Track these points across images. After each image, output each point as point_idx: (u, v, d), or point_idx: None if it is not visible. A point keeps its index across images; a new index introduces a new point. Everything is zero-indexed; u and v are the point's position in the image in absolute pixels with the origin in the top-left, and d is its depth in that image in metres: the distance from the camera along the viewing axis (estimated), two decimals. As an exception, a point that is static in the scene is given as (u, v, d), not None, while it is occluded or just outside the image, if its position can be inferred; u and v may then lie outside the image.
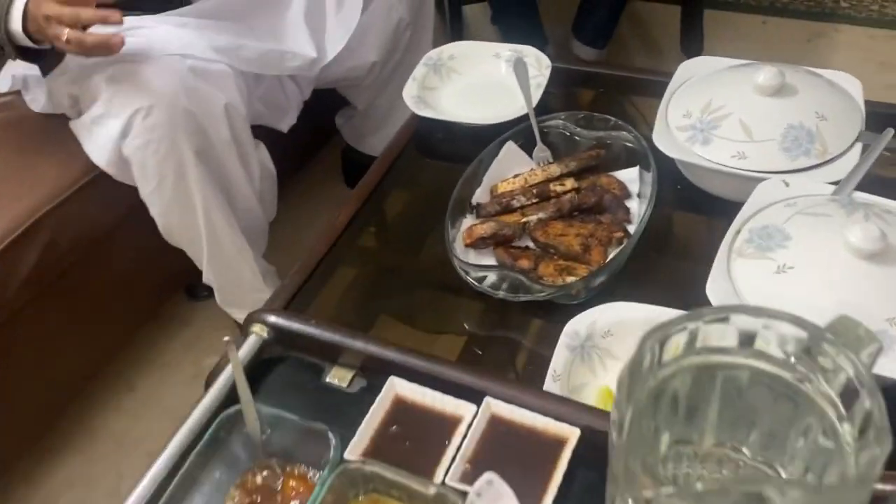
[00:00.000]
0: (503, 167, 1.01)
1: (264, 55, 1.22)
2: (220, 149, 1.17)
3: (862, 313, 0.70)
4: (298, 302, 0.89)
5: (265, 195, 1.31)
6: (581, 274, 0.85)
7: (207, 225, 1.19)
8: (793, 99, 0.90)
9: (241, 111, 1.18)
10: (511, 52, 1.19)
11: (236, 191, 1.22)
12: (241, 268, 1.27)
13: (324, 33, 1.31)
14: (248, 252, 1.26)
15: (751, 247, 0.78)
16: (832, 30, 2.02)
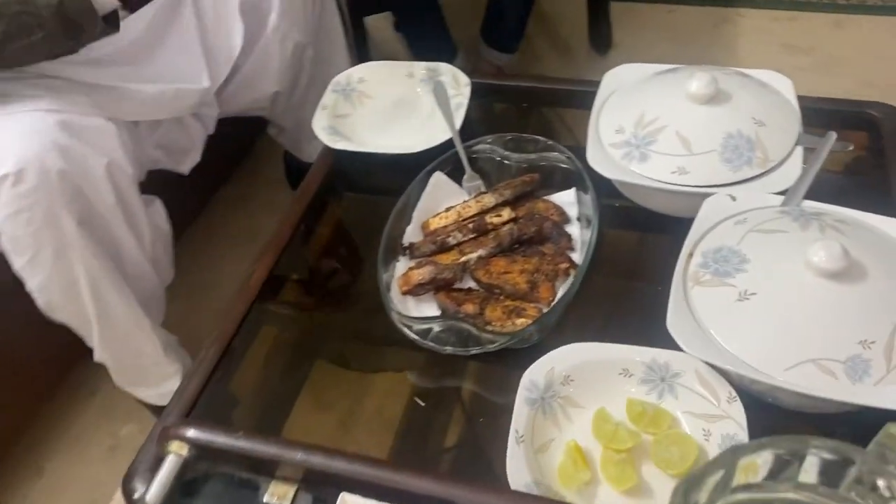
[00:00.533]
0: (433, 200, 0.93)
1: (157, 98, 1.10)
2: (104, 214, 1.03)
3: (833, 338, 0.67)
4: (214, 387, 0.80)
5: (160, 258, 1.17)
6: (531, 314, 0.79)
7: (95, 299, 1.05)
8: (728, 105, 0.86)
9: (127, 170, 1.05)
10: (425, 70, 1.12)
11: (126, 258, 1.09)
12: (138, 342, 1.14)
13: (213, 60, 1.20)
14: (145, 323, 1.13)
15: (707, 273, 0.73)
16: (736, 14, 2.03)
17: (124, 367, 1.18)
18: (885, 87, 1.74)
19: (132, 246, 1.08)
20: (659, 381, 0.73)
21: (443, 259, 0.86)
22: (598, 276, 0.86)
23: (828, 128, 0.92)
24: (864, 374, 0.64)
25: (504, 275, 0.82)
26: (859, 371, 0.64)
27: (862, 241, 0.71)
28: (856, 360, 0.64)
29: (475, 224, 0.87)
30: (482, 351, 0.75)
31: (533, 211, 0.90)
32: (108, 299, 1.06)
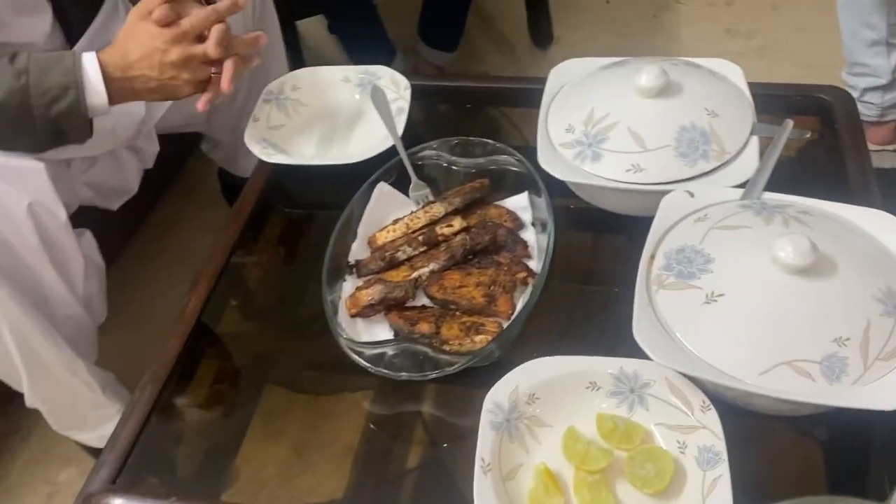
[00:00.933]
0: (379, 213, 0.88)
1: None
2: (27, 258, 0.94)
3: (807, 337, 0.64)
4: (152, 433, 0.73)
5: (92, 296, 1.08)
6: (490, 330, 0.74)
7: (22, 349, 0.96)
8: (679, 98, 0.83)
9: (55, 210, 0.95)
10: (362, 74, 1.06)
11: (54, 301, 1.00)
12: (73, 387, 1.05)
13: None
14: (79, 366, 1.04)
15: (671, 275, 0.69)
16: (675, 2, 2.02)
17: (60, 411, 1.09)
18: (825, 67, 1.75)
19: (61, 289, 0.99)
20: (629, 393, 0.69)
21: (393, 276, 0.80)
22: (558, 283, 0.82)
23: (780, 114, 0.89)
24: (841, 373, 0.61)
25: (459, 289, 0.78)
26: (836, 370, 0.61)
27: (827, 233, 0.68)
28: (832, 360, 0.61)
29: (425, 236, 0.82)
30: (440, 375, 0.70)
31: (485, 218, 0.86)
32: (36, 348, 0.97)
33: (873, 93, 1.53)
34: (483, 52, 1.98)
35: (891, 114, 1.56)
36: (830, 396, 0.61)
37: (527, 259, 0.83)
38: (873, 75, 1.50)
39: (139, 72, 0.87)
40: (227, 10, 0.88)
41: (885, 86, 1.51)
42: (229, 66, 0.88)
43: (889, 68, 1.48)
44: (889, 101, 1.54)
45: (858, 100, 1.55)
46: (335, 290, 0.81)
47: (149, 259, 1.53)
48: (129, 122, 1.07)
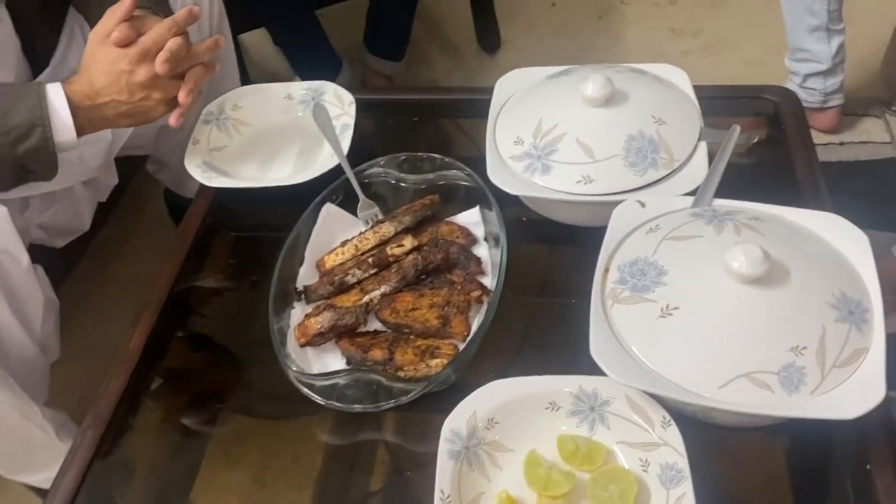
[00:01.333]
0: (326, 235, 0.85)
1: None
2: None
3: (764, 347, 0.63)
4: (97, 474, 0.69)
5: (49, 334, 1.03)
6: (446, 353, 0.72)
7: None
8: (626, 106, 0.82)
9: (17, 254, 0.90)
10: (305, 90, 1.03)
11: (10, 344, 0.94)
12: (26, 431, 0.99)
13: None
14: (33, 409, 0.98)
15: (625, 289, 0.68)
16: (619, 3, 2.03)
17: (10, 456, 1.04)
18: (770, 63, 1.77)
19: (17, 332, 0.94)
20: (589, 411, 0.67)
21: (343, 301, 0.78)
22: (514, 299, 0.81)
23: (727, 116, 0.89)
24: (799, 383, 0.60)
25: (412, 312, 0.75)
26: (794, 380, 0.61)
27: (779, 239, 0.68)
28: (790, 370, 0.61)
29: (375, 258, 0.80)
30: (395, 405, 0.68)
31: (437, 236, 0.84)
32: None
33: (815, 78, 1.55)
34: (431, 59, 1.96)
35: (833, 100, 1.58)
36: (790, 408, 0.60)
37: (481, 276, 0.81)
38: (814, 61, 1.52)
39: (108, 98, 0.83)
40: (186, 20, 0.83)
41: (826, 71, 1.53)
42: (191, 76, 0.84)
43: (830, 54, 1.50)
44: (831, 87, 1.56)
45: (801, 86, 1.57)
46: (283, 318, 0.78)
47: (95, 287, 1.47)
48: (97, 149, 1.02)
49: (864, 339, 0.63)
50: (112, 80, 0.82)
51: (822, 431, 0.64)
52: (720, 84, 1.01)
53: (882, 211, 1.41)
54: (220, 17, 1.20)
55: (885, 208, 1.41)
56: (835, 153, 1.59)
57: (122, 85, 0.82)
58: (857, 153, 1.58)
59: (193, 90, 0.84)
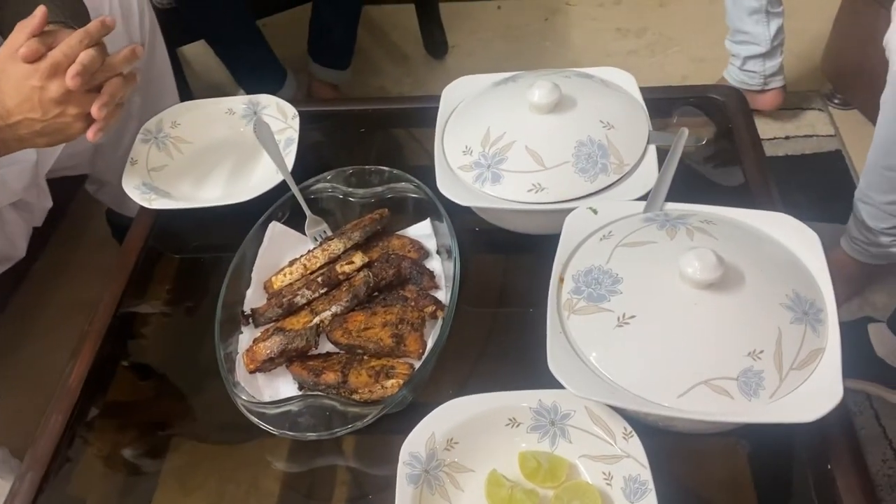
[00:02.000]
0: (273, 255, 0.83)
1: None
2: None
3: (722, 353, 0.62)
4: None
5: None
6: (401, 373, 0.70)
7: None
8: (574, 112, 0.80)
9: None
10: (246, 105, 1.00)
11: None
12: None
13: None
14: None
15: (581, 299, 0.67)
16: (565, 4, 2.03)
17: None
18: (715, 60, 1.79)
19: None
20: (549, 426, 0.66)
21: (292, 323, 0.75)
22: (470, 311, 0.79)
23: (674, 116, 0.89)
24: (758, 387, 0.60)
25: (365, 332, 0.73)
26: (753, 385, 0.60)
27: (731, 241, 0.67)
28: (748, 374, 0.60)
29: (324, 277, 0.77)
30: (350, 431, 0.66)
31: (388, 251, 0.81)
32: None
33: (754, 61, 1.56)
34: (379, 66, 1.94)
35: (773, 82, 1.60)
36: (750, 413, 0.59)
37: (435, 290, 0.79)
38: (753, 43, 1.53)
39: (20, 116, 0.78)
40: (98, 32, 0.78)
41: (765, 53, 1.54)
42: (106, 88, 0.79)
43: (768, 36, 1.52)
44: (770, 69, 1.57)
45: (741, 68, 1.58)
46: (231, 343, 0.75)
47: (36, 314, 1.41)
48: (20, 171, 0.97)
49: (819, 340, 0.63)
50: (24, 98, 0.77)
51: (782, 434, 0.63)
52: (667, 85, 1.01)
53: (829, 203, 1.43)
54: (151, 29, 1.16)
55: (832, 200, 1.44)
56: (781, 147, 1.61)
57: (34, 102, 0.77)
58: (803, 147, 1.61)
59: (108, 103, 0.79)
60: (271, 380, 0.73)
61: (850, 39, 1.55)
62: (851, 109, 1.66)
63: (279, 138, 0.95)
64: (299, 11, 1.69)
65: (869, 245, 1.22)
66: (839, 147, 1.60)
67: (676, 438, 0.67)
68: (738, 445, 0.67)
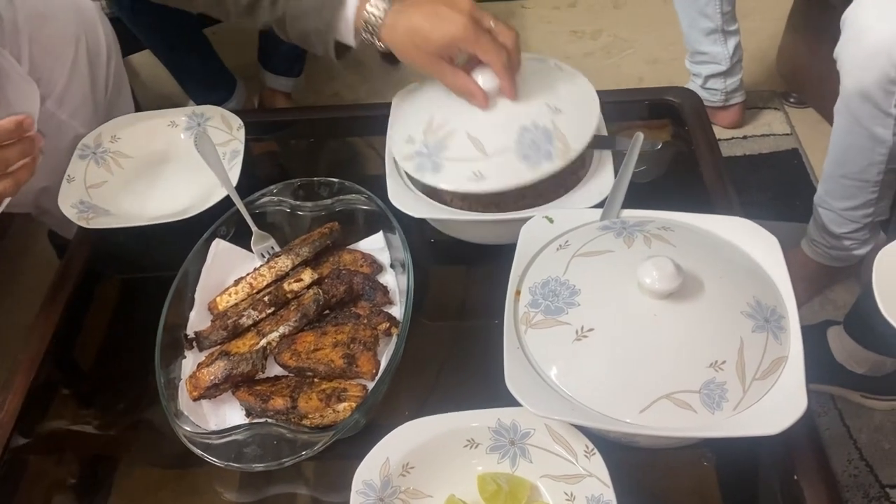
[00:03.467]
0: (217, 274, 0.79)
1: None
2: None
3: (683, 365, 0.60)
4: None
5: None
6: (354, 395, 0.67)
7: None
8: (520, 97, 0.76)
9: None
10: (189, 116, 0.96)
11: None
12: None
13: None
14: None
15: (538, 312, 0.64)
16: (520, 7, 2.01)
17: None
18: (669, 60, 1.79)
19: None
20: (509, 446, 0.63)
21: (238, 346, 0.72)
22: (426, 326, 0.77)
23: (630, 120, 0.87)
24: (721, 399, 0.58)
25: (315, 353, 0.70)
26: (716, 398, 0.58)
27: (690, 248, 0.65)
28: (710, 387, 0.58)
29: (271, 296, 0.74)
30: (299, 460, 0.62)
31: (338, 266, 0.78)
32: None
33: (715, 79, 1.58)
34: (334, 72, 1.90)
35: (734, 98, 1.61)
36: (714, 427, 0.57)
37: (389, 306, 0.76)
38: (713, 62, 1.55)
39: None
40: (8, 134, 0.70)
41: (726, 71, 1.55)
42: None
43: (727, 55, 1.53)
44: (731, 86, 1.58)
45: (702, 87, 1.59)
46: (174, 369, 0.71)
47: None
48: None
49: (781, 348, 0.61)
50: None
51: (748, 446, 0.62)
52: (624, 86, 1.00)
53: (788, 201, 1.43)
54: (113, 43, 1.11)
55: (791, 199, 1.44)
56: (738, 147, 1.61)
57: None
58: (760, 146, 1.61)
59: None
60: (217, 406, 0.70)
61: (802, 40, 1.56)
62: (807, 108, 1.67)
63: (224, 151, 0.91)
64: (248, 18, 1.64)
65: (830, 248, 1.22)
66: (796, 146, 1.61)
67: (640, 453, 0.65)
68: (704, 458, 0.65)
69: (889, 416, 1.12)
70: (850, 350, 1.09)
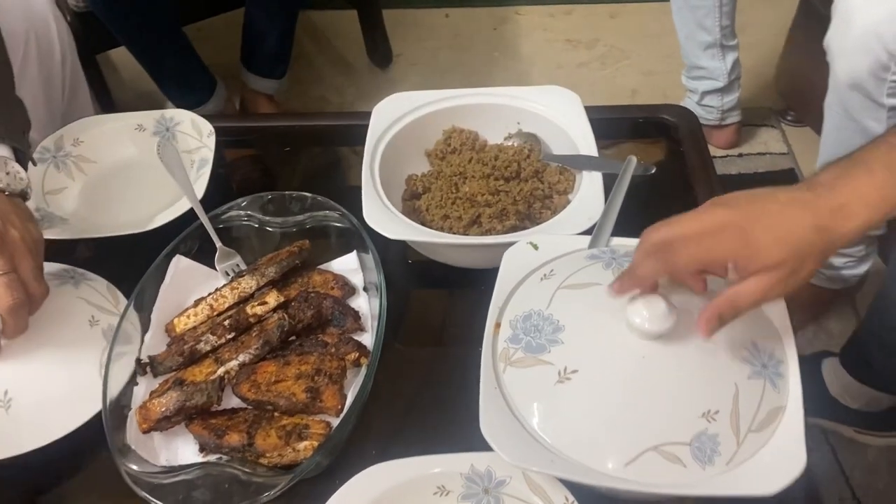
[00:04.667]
0: (177, 293, 0.74)
1: None
2: None
3: (673, 415, 0.55)
4: None
5: None
6: (316, 433, 0.62)
7: None
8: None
9: None
10: (158, 120, 0.91)
11: None
12: None
13: None
14: None
15: (518, 349, 0.59)
16: (514, 13, 1.97)
17: None
18: (666, 73, 1.75)
19: None
20: (483, 494, 0.58)
21: (194, 374, 0.66)
22: (399, 357, 0.72)
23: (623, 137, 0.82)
24: (713, 453, 0.53)
25: (276, 385, 0.64)
26: (707, 451, 0.53)
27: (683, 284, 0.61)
28: (702, 439, 0.53)
29: (232, 320, 0.68)
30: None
31: (307, 288, 0.73)
32: None
33: (712, 96, 1.53)
34: (321, 74, 1.85)
35: (731, 117, 1.57)
36: (704, 485, 0.52)
37: (360, 333, 0.71)
38: (711, 78, 1.50)
39: None
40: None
41: (723, 88, 1.51)
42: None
43: (725, 70, 1.49)
44: (728, 104, 1.54)
45: (698, 103, 1.55)
46: (125, 397, 0.66)
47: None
48: None
49: (779, 397, 0.56)
50: None
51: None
52: (616, 100, 0.95)
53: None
54: (69, 42, 1.05)
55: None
56: (734, 165, 1.57)
57: None
58: (756, 165, 1.57)
59: None
60: (170, 440, 0.64)
61: (803, 57, 1.52)
62: (804, 127, 1.63)
63: (193, 158, 0.86)
64: (234, 15, 1.59)
65: (824, 268, 1.18)
66: (792, 165, 1.57)
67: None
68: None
69: (884, 454, 1.07)
70: (845, 384, 1.04)
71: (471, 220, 0.75)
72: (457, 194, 0.77)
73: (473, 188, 0.77)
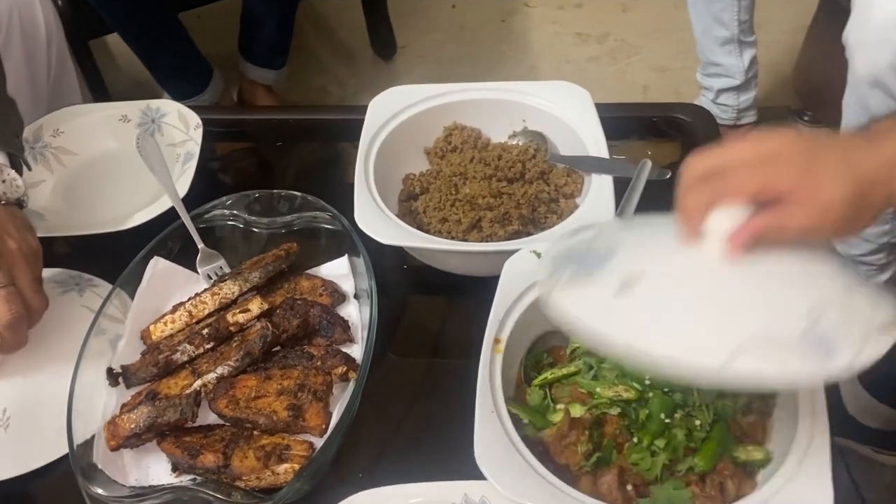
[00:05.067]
0: (155, 297, 0.69)
1: None
2: None
3: (780, 311, 0.45)
4: None
5: None
6: (298, 455, 0.57)
7: None
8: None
9: None
10: (143, 111, 0.86)
11: None
12: None
13: None
14: None
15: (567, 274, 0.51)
16: (523, 5, 1.91)
17: None
18: (678, 69, 1.69)
19: None
20: (476, 527, 0.53)
21: (169, 387, 0.61)
22: (390, 370, 0.67)
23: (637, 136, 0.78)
24: (832, 349, 0.45)
25: (255, 401, 0.60)
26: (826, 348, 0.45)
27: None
28: (811, 340, 0.44)
29: (211, 328, 0.64)
30: (226, 536, 0.52)
31: (294, 295, 0.68)
32: None
33: (728, 94, 1.48)
34: (323, 64, 1.80)
35: (746, 116, 1.51)
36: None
37: (348, 345, 0.66)
38: (727, 75, 1.45)
39: None
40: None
41: (740, 86, 1.46)
42: None
43: (742, 68, 1.43)
44: (744, 103, 1.49)
45: (714, 101, 1.49)
46: (90, 415, 0.61)
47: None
48: None
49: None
50: None
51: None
52: (627, 96, 0.90)
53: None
54: (55, 24, 1.00)
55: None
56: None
57: None
58: (771, 166, 1.51)
59: None
60: (140, 458, 0.60)
61: (823, 55, 1.46)
62: (821, 128, 1.57)
63: (178, 152, 0.81)
64: (233, 2, 1.53)
65: None
66: (808, 167, 1.51)
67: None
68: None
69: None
70: (863, 402, 0.99)
71: (471, 223, 0.70)
72: (456, 196, 0.72)
73: (474, 189, 0.72)
